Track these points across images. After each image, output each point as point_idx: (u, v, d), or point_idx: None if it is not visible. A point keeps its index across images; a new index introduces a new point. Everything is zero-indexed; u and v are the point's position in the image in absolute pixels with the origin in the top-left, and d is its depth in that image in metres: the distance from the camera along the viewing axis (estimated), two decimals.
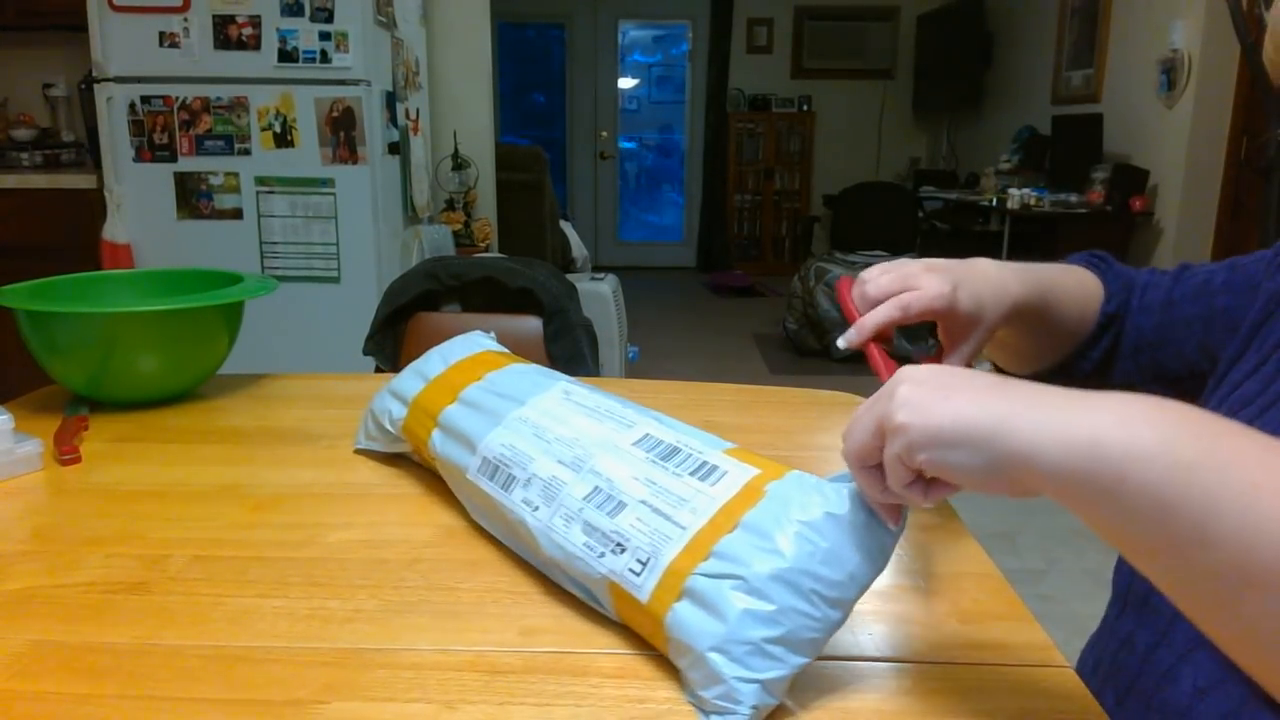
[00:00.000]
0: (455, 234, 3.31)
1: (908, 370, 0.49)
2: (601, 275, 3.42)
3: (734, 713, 0.48)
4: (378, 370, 1.49)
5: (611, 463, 0.62)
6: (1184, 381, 0.73)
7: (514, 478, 0.65)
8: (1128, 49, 4.35)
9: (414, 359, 0.88)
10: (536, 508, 0.62)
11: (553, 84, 7.60)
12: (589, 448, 0.64)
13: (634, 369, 3.63)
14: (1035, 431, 0.42)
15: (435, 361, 0.83)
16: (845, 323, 0.67)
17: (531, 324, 1.50)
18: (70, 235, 2.84)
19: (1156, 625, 0.59)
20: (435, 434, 0.75)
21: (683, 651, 0.51)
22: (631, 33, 7.56)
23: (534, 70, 7.62)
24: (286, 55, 2.55)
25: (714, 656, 0.49)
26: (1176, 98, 3.93)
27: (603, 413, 0.67)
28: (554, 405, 0.70)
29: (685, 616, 0.51)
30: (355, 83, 2.56)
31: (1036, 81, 5.34)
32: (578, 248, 4.50)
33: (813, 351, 4.72)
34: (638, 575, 0.54)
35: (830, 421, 1.02)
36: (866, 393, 1.12)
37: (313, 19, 2.53)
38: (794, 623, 0.49)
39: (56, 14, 2.98)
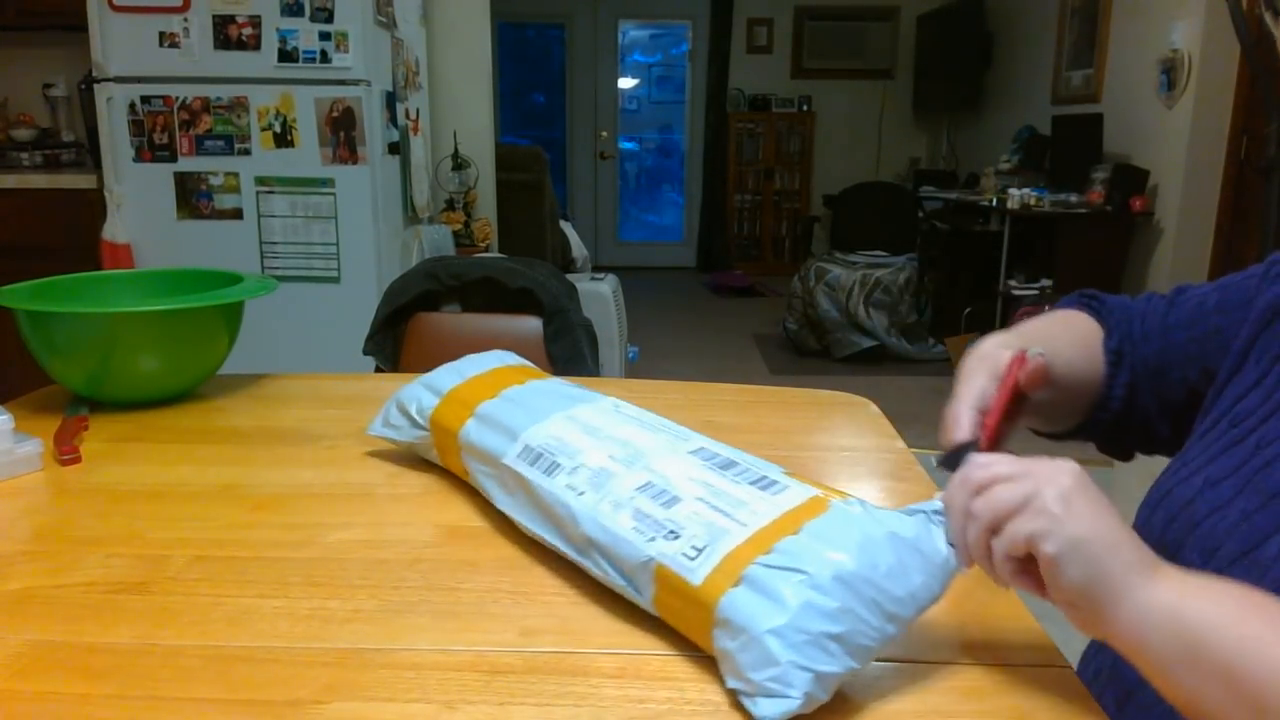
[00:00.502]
0: (455, 234, 3.31)
1: (1073, 465, 0.50)
2: (601, 275, 3.42)
3: (786, 696, 0.47)
4: (378, 370, 1.49)
5: (667, 463, 0.62)
6: (1188, 409, 0.72)
7: (559, 465, 0.65)
8: (1128, 49, 4.35)
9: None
10: (582, 493, 0.62)
11: (553, 84, 7.60)
12: (642, 448, 0.64)
13: (634, 369, 3.63)
14: (1130, 587, 0.47)
15: (473, 364, 0.84)
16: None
17: (531, 324, 1.50)
18: (70, 235, 2.84)
19: None
20: (469, 423, 0.75)
21: (734, 633, 0.50)
22: (631, 33, 7.56)
23: (534, 70, 7.62)
24: (286, 55, 2.55)
25: (771, 639, 0.48)
26: (1176, 98, 3.93)
27: (655, 426, 0.68)
28: (604, 414, 0.70)
29: (742, 600, 0.50)
30: (355, 83, 2.56)
31: (1036, 81, 5.34)
32: (578, 248, 4.50)
33: (813, 351, 4.72)
34: (692, 560, 0.53)
35: (830, 422, 1.02)
36: (866, 393, 1.12)
37: (313, 19, 2.53)
38: (853, 625, 0.49)
39: (56, 14, 2.98)
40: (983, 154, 5.98)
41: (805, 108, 7.29)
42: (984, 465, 0.52)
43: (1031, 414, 0.72)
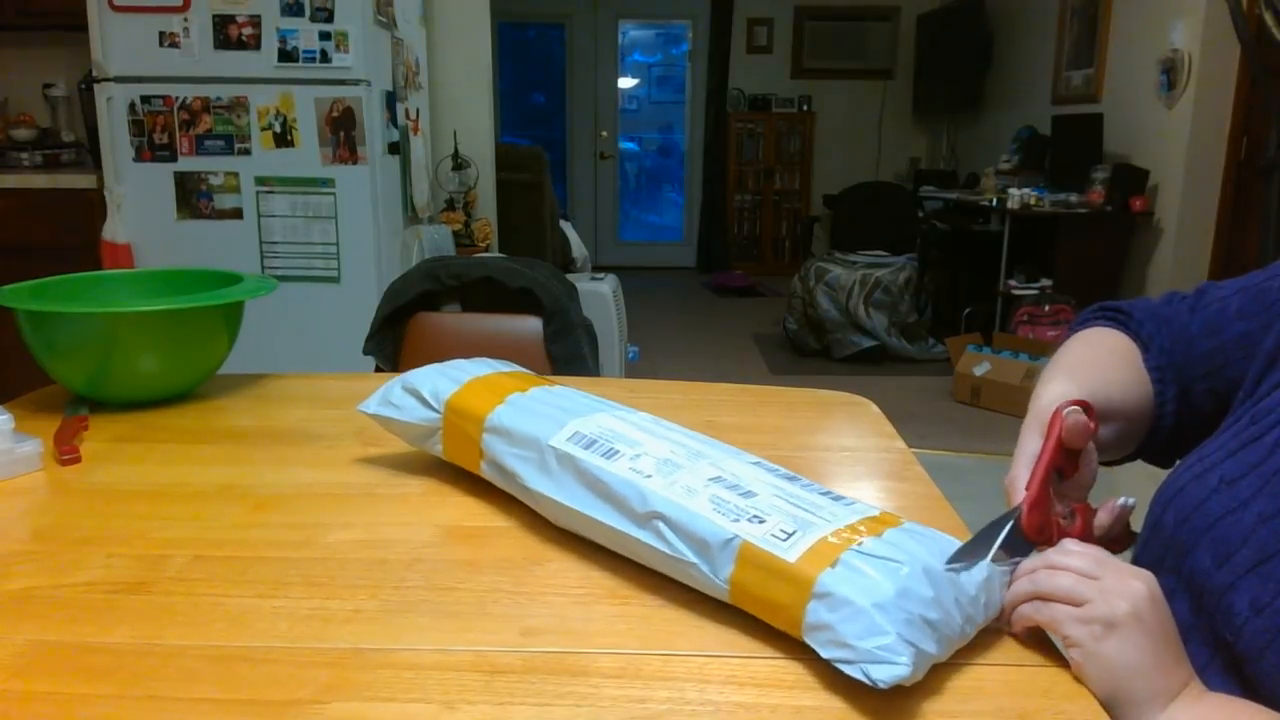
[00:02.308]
0: (455, 234, 3.31)
1: (1139, 590, 0.53)
2: (601, 275, 3.42)
3: (895, 663, 0.48)
4: (378, 370, 1.49)
5: (734, 465, 0.62)
6: (1217, 415, 0.72)
7: (618, 451, 0.64)
8: (1128, 49, 4.35)
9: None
10: (650, 476, 0.61)
11: (553, 84, 7.60)
12: (702, 451, 0.64)
13: (634, 369, 3.63)
14: (1144, 716, 0.51)
15: (491, 366, 0.83)
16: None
17: (531, 324, 1.50)
18: (70, 235, 2.84)
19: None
20: (500, 408, 0.73)
21: (836, 606, 0.50)
22: (631, 33, 7.56)
23: (534, 70, 7.62)
24: (286, 55, 2.55)
25: (878, 612, 0.49)
26: (1176, 98, 3.93)
27: (706, 439, 0.67)
28: (652, 421, 0.70)
29: (843, 577, 0.51)
30: (355, 83, 2.56)
31: (1036, 81, 5.34)
32: (578, 248, 4.50)
33: (813, 351, 4.72)
34: (783, 541, 0.54)
35: (831, 421, 1.02)
36: (866, 393, 1.12)
37: (313, 19, 2.53)
38: (943, 615, 0.51)
39: (56, 14, 2.98)
40: (983, 154, 5.98)
41: (805, 108, 7.29)
42: (1069, 553, 0.56)
43: (1099, 450, 0.72)
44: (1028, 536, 0.58)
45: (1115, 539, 0.61)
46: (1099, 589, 0.53)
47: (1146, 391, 0.75)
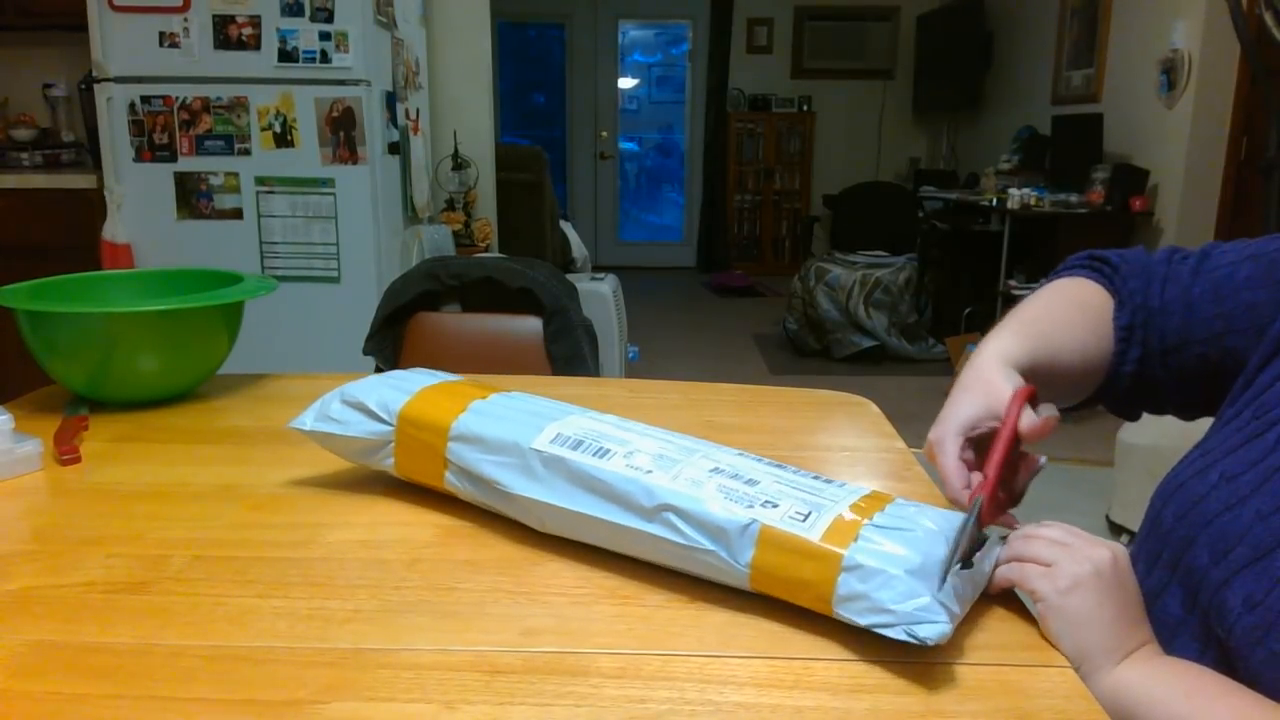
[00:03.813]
0: (455, 234, 3.31)
1: (1103, 555, 0.57)
2: (601, 275, 3.42)
3: (936, 622, 0.51)
4: (378, 370, 1.49)
5: (727, 457, 0.62)
6: (1205, 383, 0.72)
7: (609, 451, 0.63)
8: (1128, 49, 4.35)
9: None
10: (650, 471, 0.61)
11: (553, 84, 7.60)
12: (690, 446, 0.64)
13: (634, 369, 3.63)
14: (1095, 667, 0.56)
15: (438, 376, 0.79)
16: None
17: (531, 324, 1.50)
18: (70, 235, 2.84)
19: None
20: (464, 416, 0.70)
21: (868, 576, 0.53)
22: (631, 33, 7.56)
23: (534, 70, 7.62)
24: (286, 55, 2.55)
25: (911, 578, 0.52)
26: (1176, 98, 3.93)
27: (692, 439, 0.67)
28: (626, 422, 0.69)
29: (870, 549, 0.53)
30: (355, 83, 2.56)
31: (1036, 81, 5.34)
32: (578, 248, 4.50)
33: (813, 351, 4.72)
34: (802, 522, 0.56)
35: (831, 421, 1.02)
36: (866, 393, 1.12)
37: (313, 19, 2.53)
38: (958, 581, 0.55)
39: (56, 14, 2.98)
40: (983, 154, 5.98)
41: (805, 108, 7.29)
42: (1044, 524, 0.61)
43: (1042, 391, 0.72)
44: (983, 522, 0.61)
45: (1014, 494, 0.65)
46: (1068, 553, 0.57)
47: (1104, 350, 0.74)
